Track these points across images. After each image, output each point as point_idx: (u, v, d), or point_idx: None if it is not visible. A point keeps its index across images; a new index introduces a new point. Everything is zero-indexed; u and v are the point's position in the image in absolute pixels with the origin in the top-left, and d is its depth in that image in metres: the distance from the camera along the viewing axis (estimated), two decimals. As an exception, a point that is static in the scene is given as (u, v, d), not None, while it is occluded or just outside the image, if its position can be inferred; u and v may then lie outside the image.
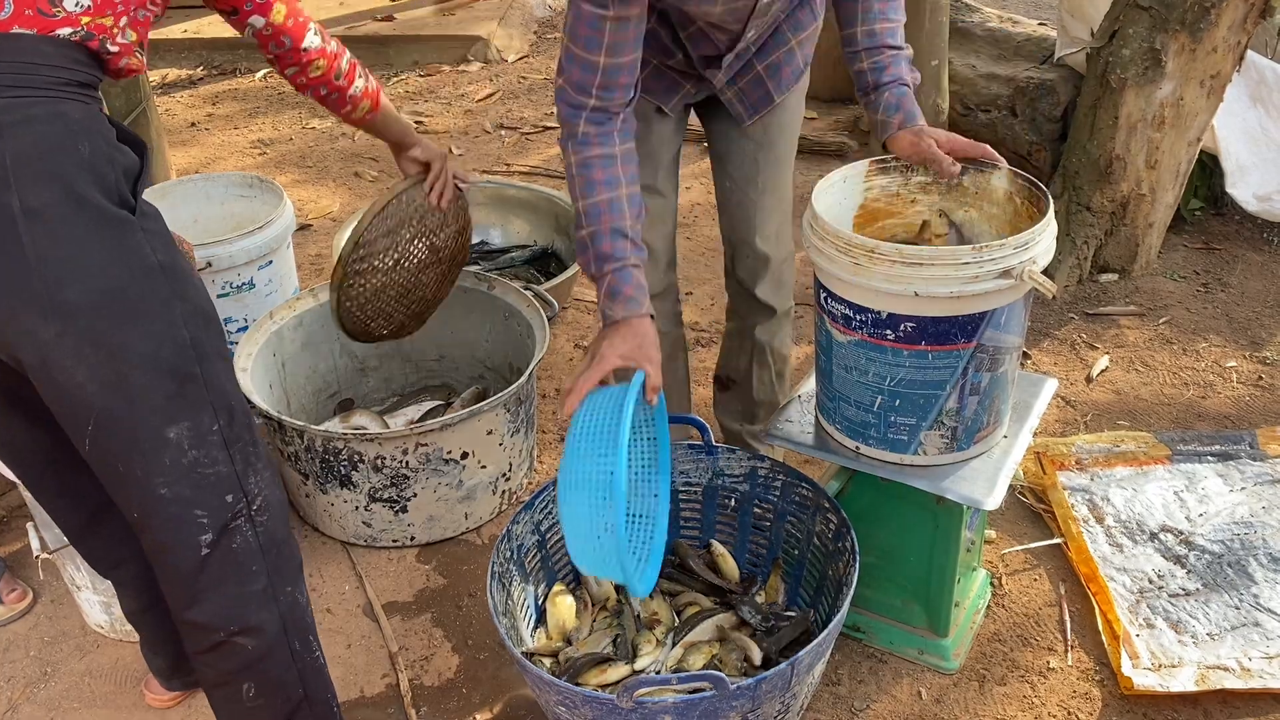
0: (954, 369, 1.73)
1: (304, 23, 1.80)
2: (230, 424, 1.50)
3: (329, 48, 1.87)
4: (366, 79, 1.98)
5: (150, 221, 1.44)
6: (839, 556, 1.91)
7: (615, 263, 1.74)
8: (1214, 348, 2.99)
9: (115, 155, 1.41)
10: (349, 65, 1.93)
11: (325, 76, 1.88)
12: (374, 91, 2.00)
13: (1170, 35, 2.98)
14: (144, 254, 1.40)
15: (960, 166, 1.86)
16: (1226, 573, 2.20)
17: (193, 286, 1.48)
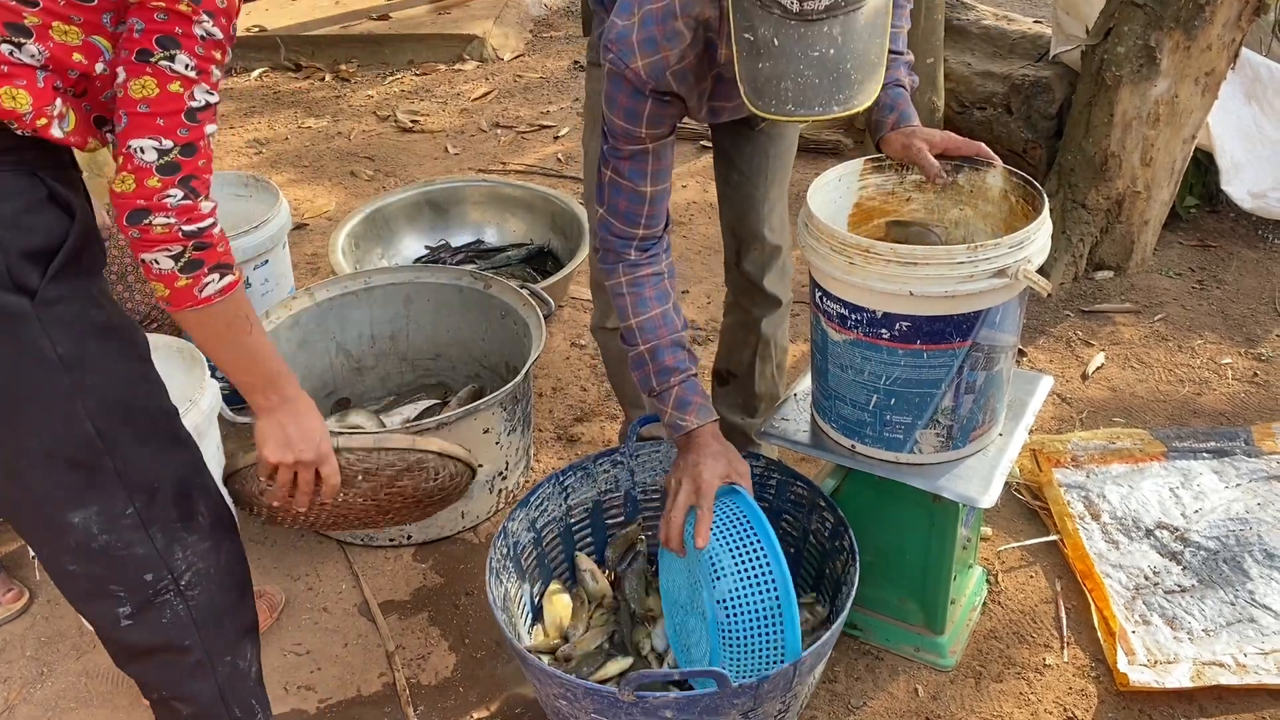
0: (949, 368, 1.73)
1: (160, 127, 1.29)
2: (150, 504, 1.40)
3: (157, 183, 1.30)
4: (196, 276, 1.35)
5: (57, 308, 1.29)
6: (836, 555, 1.91)
7: (680, 374, 1.79)
8: (1209, 344, 2.99)
9: (11, 236, 1.25)
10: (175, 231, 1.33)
11: (127, 200, 1.31)
12: (187, 289, 1.36)
13: (1165, 33, 2.98)
14: (37, 348, 1.27)
15: (949, 169, 1.87)
16: (1222, 569, 2.20)
17: (104, 374, 1.33)
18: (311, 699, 2.05)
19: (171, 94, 1.28)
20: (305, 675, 2.10)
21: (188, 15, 1.27)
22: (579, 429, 2.76)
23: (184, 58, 1.28)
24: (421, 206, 3.41)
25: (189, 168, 1.31)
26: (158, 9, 1.25)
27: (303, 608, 2.25)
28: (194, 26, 1.27)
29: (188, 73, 1.29)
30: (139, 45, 1.27)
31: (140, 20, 1.26)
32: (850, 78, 1.42)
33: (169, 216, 1.31)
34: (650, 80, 1.66)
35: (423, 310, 2.74)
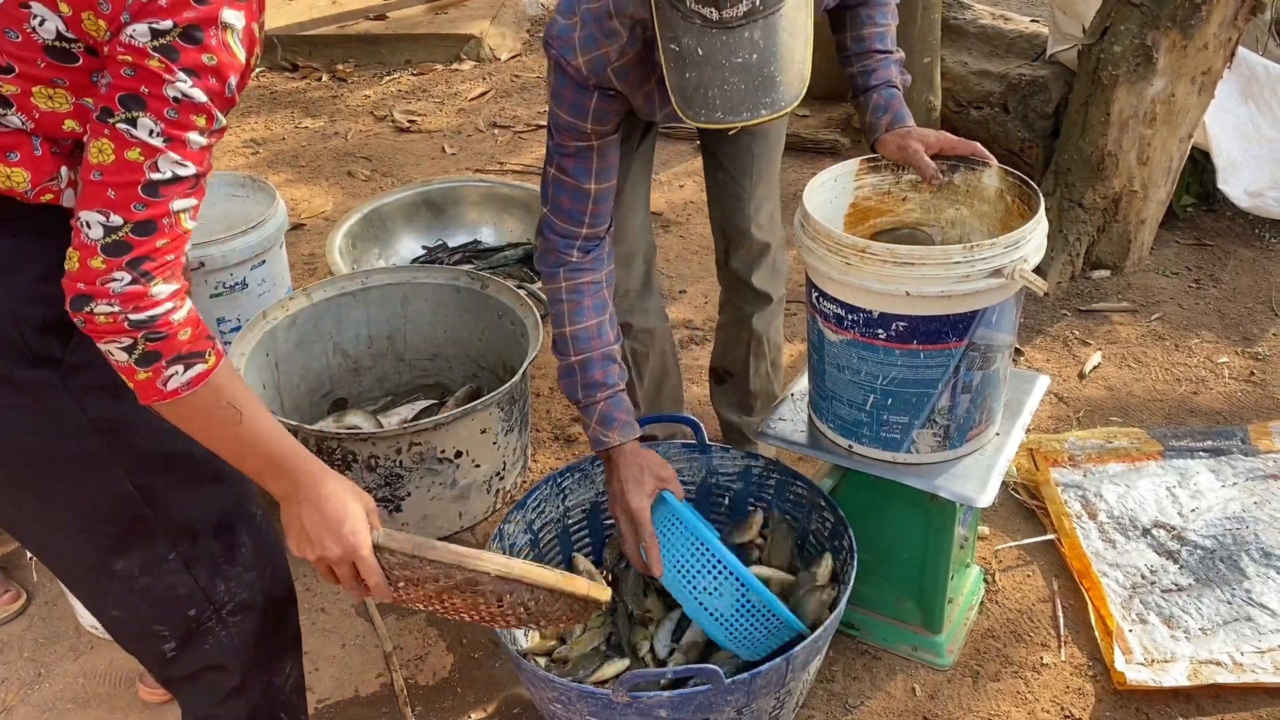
0: (946, 368, 1.73)
1: (110, 200, 1.12)
2: (193, 546, 1.36)
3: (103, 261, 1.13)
4: (155, 369, 1.18)
5: (83, 375, 1.23)
6: (835, 554, 1.91)
7: (608, 390, 1.79)
8: (1206, 344, 3.00)
9: (26, 309, 1.16)
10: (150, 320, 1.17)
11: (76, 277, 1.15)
12: (149, 383, 1.19)
13: (1161, 32, 2.98)
14: (69, 415, 1.22)
15: (944, 169, 1.87)
16: (1219, 568, 2.21)
17: (139, 430, 1.28)
18: (309, 700, 2.04)
19: (128, 162, 1.11)
20: (303, 676, 2.10)
21: (158, 73, 1.09)
22: (576, 429, 2.76)
23: (148, 121, 1.11)
24: (419, 206, 3.41)
25: (142, 248, 1.13)
26: (125, 64, 1.10)
27: (300, 608, 2.24)
28: (165, 87, 1.10)
29: (151, 139, 1.11)
30: (102, 102, 1.12)
31: (107, 74, 1.12)
32: (775, 80, 1.44)
33: (111, 304, 1.13)
34: (592, 76, 1.68)
35: (420, 310, 2.74)
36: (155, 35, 1.08)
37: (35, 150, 1.17)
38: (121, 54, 1.09)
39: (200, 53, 1.10)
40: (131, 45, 1.08)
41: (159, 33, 1.08)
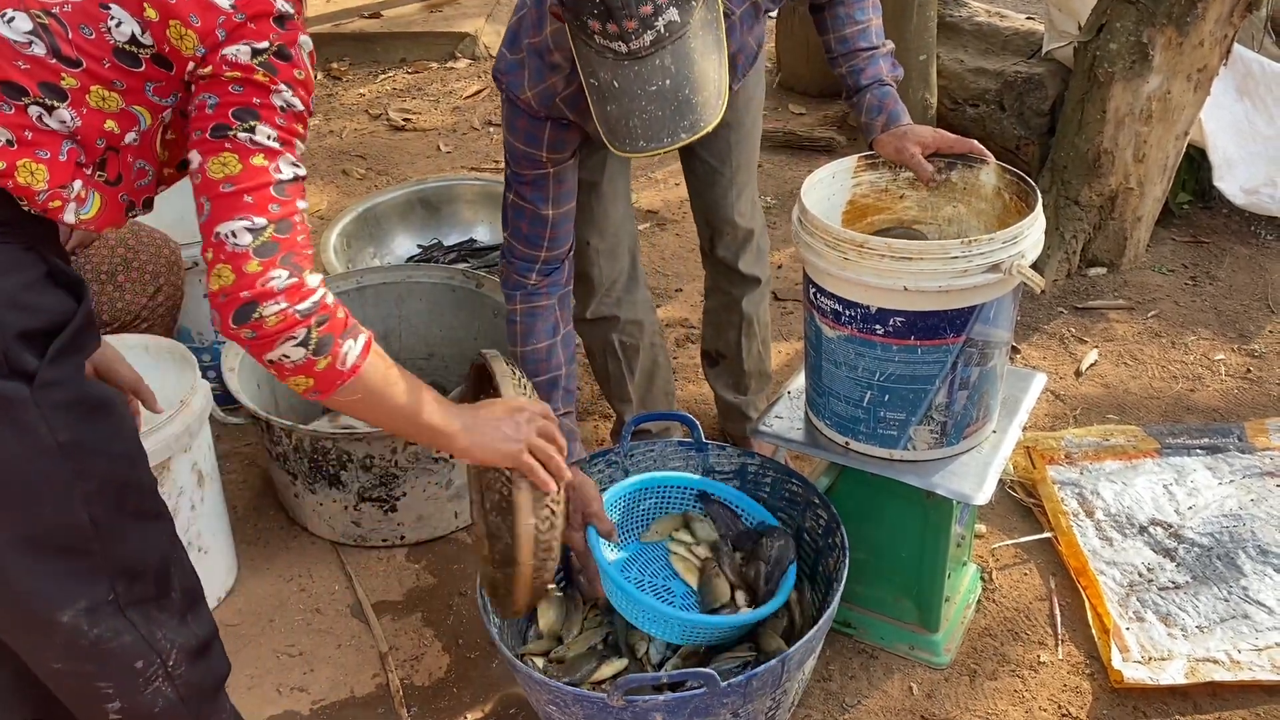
0: (943, 364, 1.73)
1: (249, 205, 1.18)
2: (130, 587, 1.30)
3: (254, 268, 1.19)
4: (333, 352, 1.26)
5: (55, 392, 1.18)
6: (829, 552, 1.91)
7: None
8: (1202, 341, 2.99)
9: (10, 316, 1.15)
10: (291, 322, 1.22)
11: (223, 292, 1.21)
12: (330, 369, 1.27)
13: (1157, 29, 2.98)
14: (36, 436, 1.17)
15: (941, 167, 1.88)
16: (1215, 565, 2.20)
17: (105, 457, 1.24)
18: (305, 700, 2.04)
19: (256, 168, 1.18)
20: (298, 677, 2.09)
21: (265, 85, 1.18)
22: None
23: (265, 129, 1.18)
24: (414, 205, 3.39)
25: (287, 245, 1.19)
26: (233, 80, 1.17)
27: (295, 608, 2.24)
28: (272, 96, 1.19)
29: (271, 144, 1.19)
30: (214, 120, 1.17)
31: (213, 94, 1.18)
32: (691, 102, 1.46)
33: (277, 301, 1.18)
34: (542, 109, 1.72)
35: (415, 309, 2.73)
36: (256, 54, 1.18)
37: (62, 155, 1.19)
38: (228, 71, 1.17)
39: (293, 68, 1.21)
40: (237, 63, 1.18)
41: (259, 51, 1.18)
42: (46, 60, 1.15)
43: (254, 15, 1.18)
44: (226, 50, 1.17)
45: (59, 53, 1.15)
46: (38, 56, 1.15)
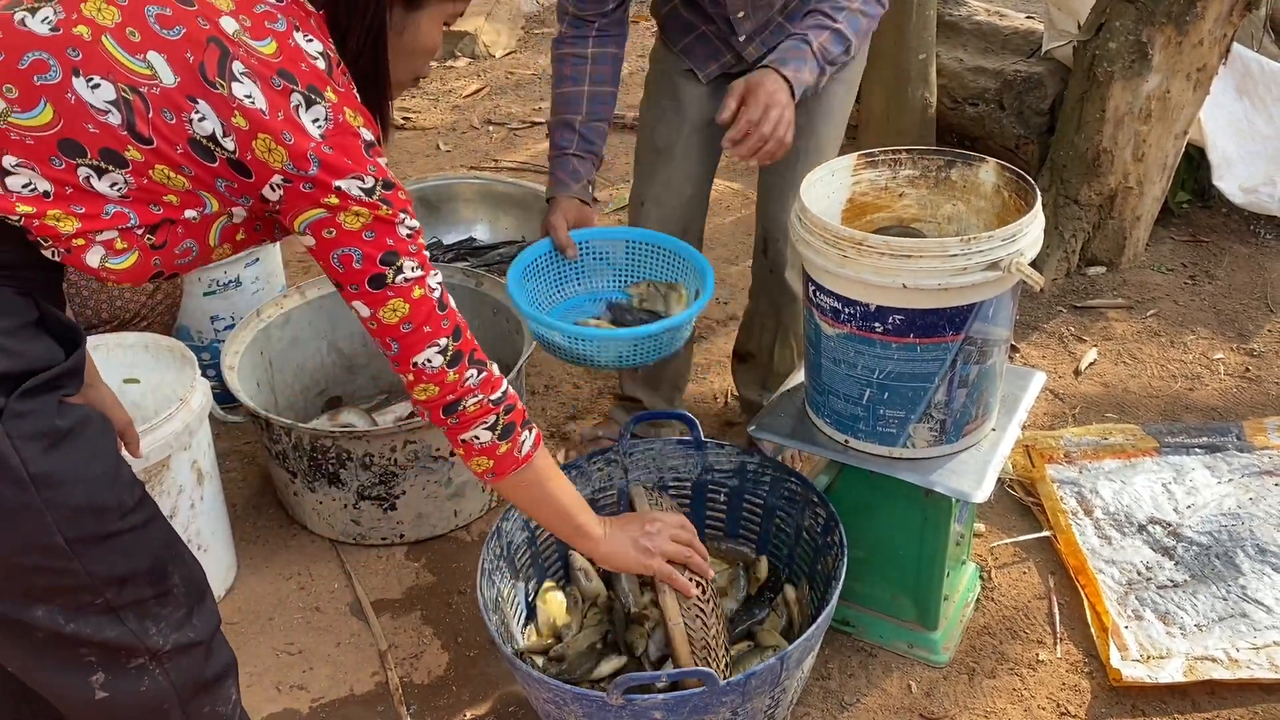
0: (942, 361, 1.73)
1: (428, 334, 1.34)
2: (120, 592, 1.30)
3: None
4: (514, 439, 1.46)
5: (25, 423, 1.18)
6: (828, 550, 1.91)
7: (556, 150, 2.08)
8: (1201, 340, 2.99)
9: None
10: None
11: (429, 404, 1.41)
12: (509, 454, 1.48)
13: (1157, 28, 2.98)
14: (9, 465, 1.17)
15: (941, 165, 1.89)
16: (1214, 564, 2.20)
17: (78, 481, 1.23)
18: (304, 698, 2.04)
19: (418, 300, 1.32)
20: (298, 675, 2.09)
21: (390, 220, 1.26)
22: (571, 426, 2.75)
23: (408, 262, 1.30)
24: (413, 204, 3.39)
25: (466, 348, 1.38)
26: (363, 225, 1.24)
27: (295, 607, 2.24)
28: (398, 228, 1.28)
29: (417, 273, 1.31)
30: (367, 274, 1.28)
31: (353, 248, 1.26)
32: None
33: (475, 395, 1.40)
34: None
35: (414, 308, 2.73)
36: (368, 192, 1.24)
37: (104, 214, 1.20)
38: (354, 207, 1.23)
39: (398, 192, 1.28)
40: (362, 200, 1.23)
41: (369, 189, 1.24)
42: (117, 130, 1.17)
43: (346, 150, 1.22)
44: (340, 184, 1.22)
45: (133, 127, 1.17)
46: (110, 125, 1.17)
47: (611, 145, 4.29)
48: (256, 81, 1.18)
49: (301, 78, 1.21)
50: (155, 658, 1.37)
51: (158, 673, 1.37)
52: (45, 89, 1.15)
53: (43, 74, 1.15)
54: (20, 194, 1.16)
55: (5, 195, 1.16)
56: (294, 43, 1.23)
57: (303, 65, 1.21)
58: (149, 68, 1.17)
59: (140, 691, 1.37)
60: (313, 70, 1.22)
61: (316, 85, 1.21)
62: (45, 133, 1.16)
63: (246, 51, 1.19)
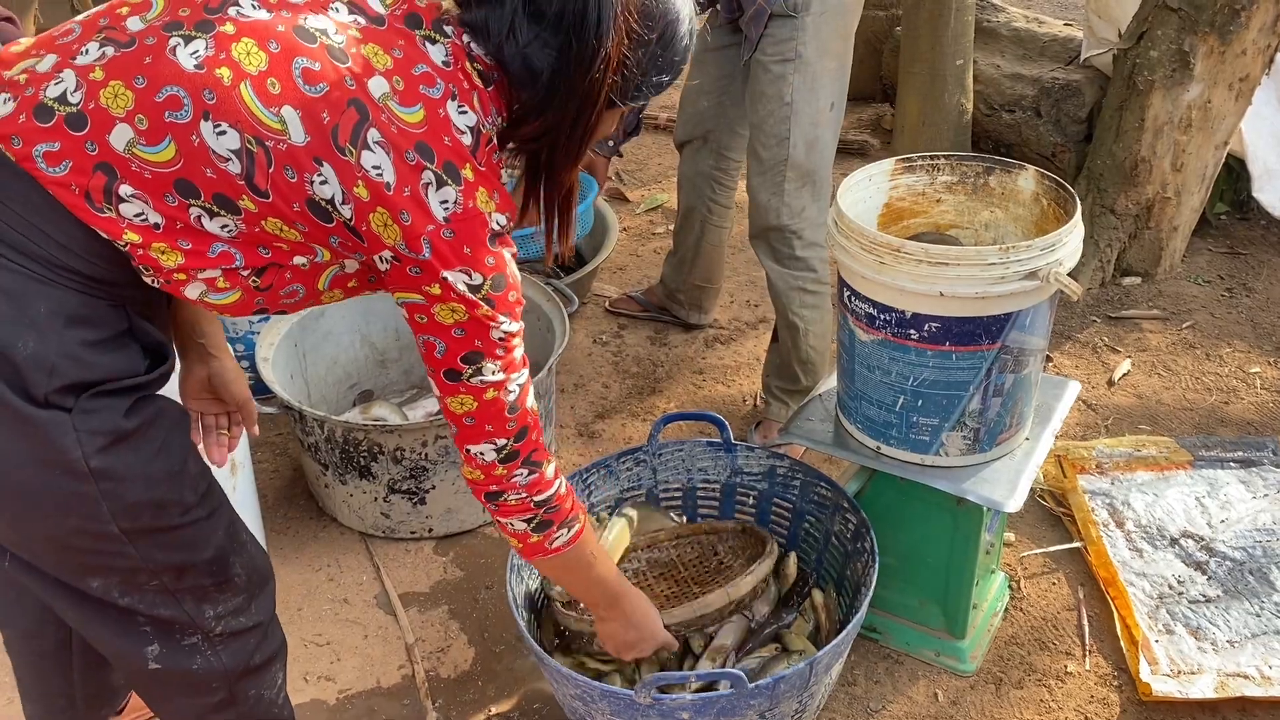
0: (978, 370, 1.72)
1: (490, 433, 1.33)
2: (178, 579, 1.32)
3: None
4: (547, 534, 1.46)
5: (94, 419, 1.18)
6: (857, 557, 1.90)
7: None
8: (1238, 353, 2.96)
9: (66, 366, 1.15)
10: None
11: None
12: (539, 544, 1.48)
13: (1199, 37, 2.95)
14: (69, 460, 1.17)
15: (979, 172, 1.87)
16: (1248, 580, 2.18)
17: (135, 479, 1.23)
18: (331, 689, 2.05)
19: (488, 402, 1.29)
20: (325, 666, 2.10)
21: (485, 323, 1.23)
22: (600, 425, 2.76)
23: (490, 365, 1.27)
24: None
25: (526, 449, 1.36)
26: (456, 323, 1.22)
27: (323, 598, 2.26)
28: (491, 332, 1.24)
29: (495, 377, 1.28)
30: (444, 366, 1.26)
31: (439, 339, 1.24)
32: None
33: (520, 493, 1.39)
34: None
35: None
36: (474, 290, 1.21)
37: (211, 252, 1.19)
38: (454, 301, 1.20)
39: (507, 293, 1.24)
40: (460, 295, 1.20)
41: (475, 287, 1.21)
42: (235, 179, 1.15)
43: (467, 238, 1.18)
44: (447, 275, 1.18)
45: (251, 179, 1.15)
46: (228, 173, 1.14)
47: (645, 146, 4.31)
48: (390, 152, 1.14)
49: (440, 153, 1.15)
50: (209, 639, 1.40)
51: (209, 653, 1.40)
52: (173, 126, 1.13)
53: (175, 111, 1.13)
54: (131, 221, 1.15)
55: (116, 220, 1.14)
56: (444, 113, 1.17)
57: (445, 139, 1.16)
58: (280, 123, 1.13)
59: (192, 669, 1.40)
60: (455, 145, 1.17)
61: (454, 163, 1.16)
62: (165, 170, 1.14)
63: (389, 118, 1.14)
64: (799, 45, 2.21)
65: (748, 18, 2.26)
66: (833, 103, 2.31)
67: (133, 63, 1.14)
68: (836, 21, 2.24)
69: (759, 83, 2.29)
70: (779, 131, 2.28)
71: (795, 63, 2.23)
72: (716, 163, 2.73)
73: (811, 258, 2.40)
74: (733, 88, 2.55)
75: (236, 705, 1.48)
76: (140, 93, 1.13)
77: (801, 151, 2.28)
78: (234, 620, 1.41)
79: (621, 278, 3.45)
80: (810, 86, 2.25)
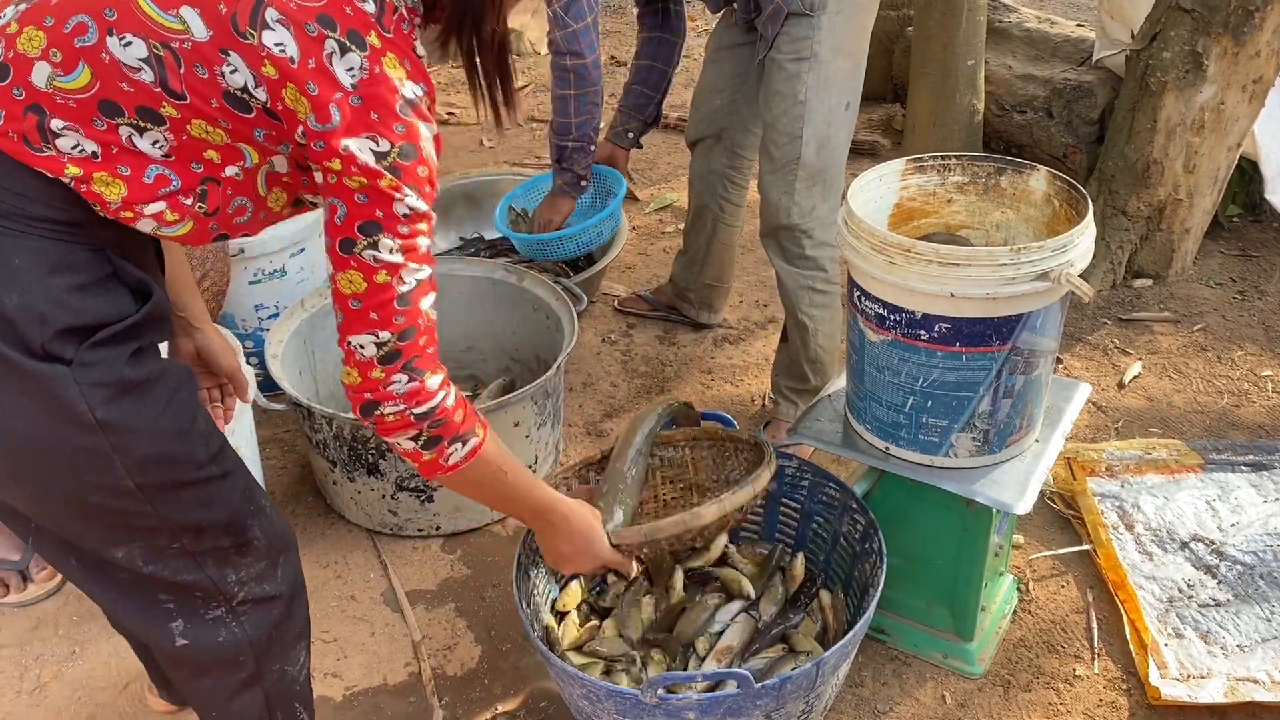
0: (988, 371, 1.71)
1: (374, 321, 1.26)
2: (197, 540, 1.35)
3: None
4: (439, 450, 1.38)
5: (95, 370, 1.21)
6: (865, 558, 1.89)
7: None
8: (1249, 356, 2.95)
9: (56, 313, 1.18)
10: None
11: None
12: (434, 462, 1.40)
13: (1212, 38, 2.94)
14: (74, 412, 1.20)
15: (991, 172, 1.88)
16: (1258, 584, 2.17)
17: (146, 432, 1.26)
18: (338, 686, 2.06)
19: (379, 285, 1.23)
20: (332, 662, 2.11)
21: (389, 194, 1.19)
22: (608, 424, 2.76)
23: (387, 241, 1.21)
24: (456, 199, 3.41)
25: (409, 351, 1.28)
26: (359, 188, 1.18)
27: (331, 595, 2.26)
28: (395, 205, 1.20)
29: (393, 257, 1.22)
30: (341, 234, 1.21)
31: (341, 202, 1.20)
32: None
33: (397, 404, 1.30)
34: None
35: (456, 302, 2.75)
36: (379, 157, 1.17)
37: (146, 177, 1.20)
38: (356, 174, 1.17)
39: (417, 166, 1.20)
40: (363, 165, 1.17)
41: (381, 154, 1.17)
42: (151, 88, 1.17)
43: (374, 103, 1.17)
44: (349, 142, 1.16)
45: (165, 83, 1.17)
46: (143, 83, 1.16)
47: (654, 144, 4.31)
48: (290, 28, 1.14)
49: (343, 22, 1.16)
50: (232, 609, 1.42)
51: (234, 625, 1.43)
52: (84, 51, 1.16)
53: (82, 36, 1.16)
54: (71, 155, 1.17)
55: (56, 157, 1.17)
56: None
57: (347, 9, 1.17)
58: (181, 22, 1.15)
59: (218, 642, 1.43)
60: (358, 14, 1.17)
61: (358, 30, 1.16)
62: (85, 94, 1.16)
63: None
64: (814, 44, 2.21)
65: (764, 17, 2.25)
66: (848, 102, 2.31)
67: (41, 7, 1.19)
68: (852, 21, 2.24)
69: (773, 81, 2.28)
70: (792, 130, 2.27)
71: (810, 61, 2.22)
72: (730, 161, 2.75)
73: (821, 257, 2.39)
74: (746, 86, 2.57)
75: (262, 681, 1.52)
76: (50, 30, 1.17)
77: (813, 150, 2.28)
78: (256, 587, 1.43)
79: (630, 277, 3.45)
80: (824, 85, 2.24)
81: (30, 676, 2.09)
